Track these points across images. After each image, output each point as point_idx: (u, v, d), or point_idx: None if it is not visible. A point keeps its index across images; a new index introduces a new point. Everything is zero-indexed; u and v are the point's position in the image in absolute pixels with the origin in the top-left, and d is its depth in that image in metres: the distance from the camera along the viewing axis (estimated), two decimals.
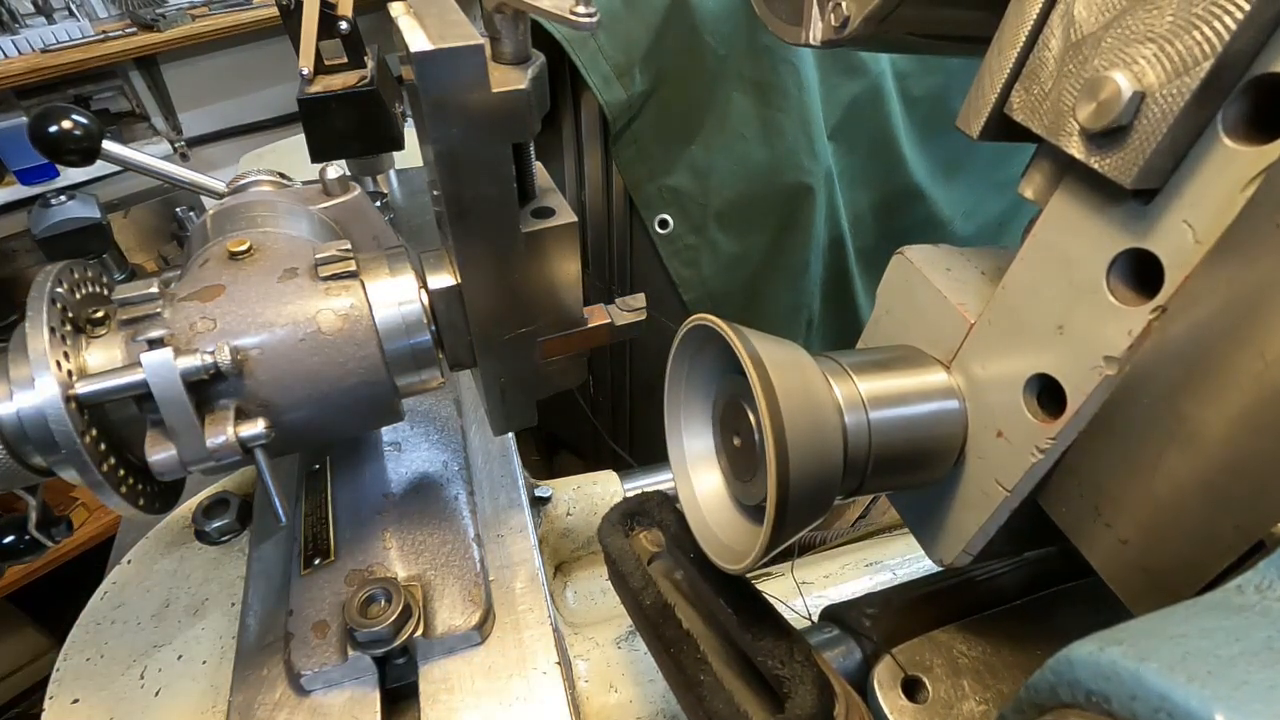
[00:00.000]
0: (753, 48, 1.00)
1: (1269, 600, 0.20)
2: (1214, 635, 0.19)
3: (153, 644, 0.58)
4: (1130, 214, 0.28)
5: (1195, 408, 0.28)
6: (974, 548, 0.38)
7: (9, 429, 0.39)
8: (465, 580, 0.55)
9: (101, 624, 0.60)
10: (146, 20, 2.03)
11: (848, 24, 0.37)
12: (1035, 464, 0.34)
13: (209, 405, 0.43)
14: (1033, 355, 0.33)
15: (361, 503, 0.61)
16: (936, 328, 0.39)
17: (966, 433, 0.37)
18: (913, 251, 0.41)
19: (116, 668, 0.56)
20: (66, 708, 0.54)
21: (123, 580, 0.64)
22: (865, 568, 0.76)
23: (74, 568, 1.77)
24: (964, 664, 0.43)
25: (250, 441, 0.42)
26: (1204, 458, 0.28)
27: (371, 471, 0.63)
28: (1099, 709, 0.18)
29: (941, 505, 0.39)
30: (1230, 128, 0.25)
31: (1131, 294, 0.29)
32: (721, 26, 0.99)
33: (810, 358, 0.37)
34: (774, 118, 1.05)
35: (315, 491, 0.62)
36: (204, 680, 0.55)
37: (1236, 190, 0.25)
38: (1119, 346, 0.30)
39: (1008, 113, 0.31)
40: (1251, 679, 0.17)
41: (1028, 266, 0.33)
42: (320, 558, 0.56)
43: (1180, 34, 0.24)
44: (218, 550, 0.65)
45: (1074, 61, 0.28)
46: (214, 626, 0.59)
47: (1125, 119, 0.26)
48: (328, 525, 0.59)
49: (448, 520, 0.59)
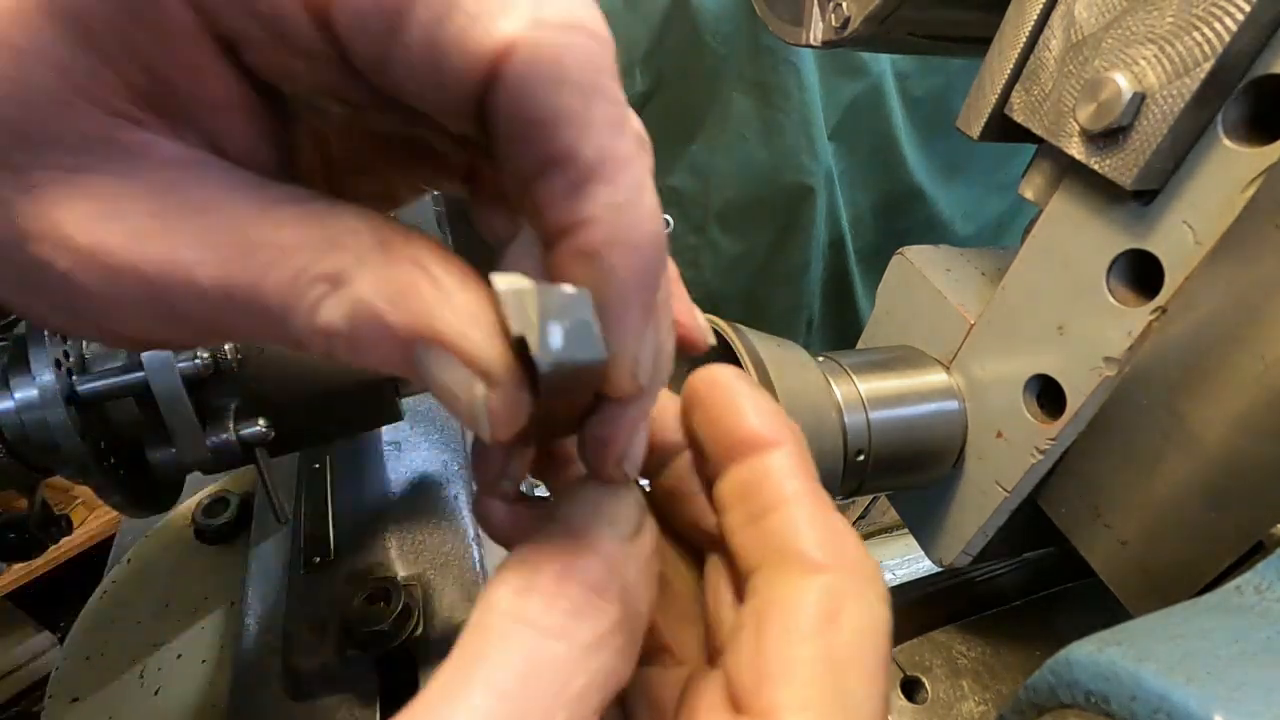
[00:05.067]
0: (753, 48, 1.00)
1: (1268, 601, 0.20)
2: (1213, 636, 0.19)
3: (153, 643, 0.58)
4: (1130, 215, 0.28)
5: (1195, 409, 0.28)
6: (973, 548, 0.38)
7: (9, 427, 0.39)
8: (465, 580, 0.55)
9: (101, 624, 0.60)
10: None
11: (848, 24, 0.37)
12: (1035, 464, 0.34)
13: (209, 404, 0.43)
14: (1033, 356, 0.33)
15: (361, 502, 0.61)
16: (936, 328, 0.39)
17: (966, 433, 0.37)
18: (913, 252, 0.41)
19: (116, 667, 0.56)
20: (66, 707, 0.54)
21: (123, 580, 0.64)
22: None
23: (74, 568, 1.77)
24: (963, 664, 0.43)
25: (250, 441, 0.42)
26: (1203, 459, 0.28)
27: (371, 471, 0.63)
28: (1098, 709, 0.18)
29: (941, 505, 0.39)
30: (1230, 129, 0.25)
31: (1131, 294, 0.29)
32: (722, 27, 0.99)
33: (810, 358, 0.37)
34: (775, 118, 1.04)
35: (315, 491, 0.62)
36: (204, 680, 0.55)
37: (1237, 191, 0.25)
38: (1119, 347, 0.30)
39: (1008, 113, 0.31)
40: (1250, 679, 0.17)
41: (1028, 267, 0.33)
42: (320, 557, 0.56)
43: (1180, 35, 0.24)
44: (218, 550, 0.65)
45: (1074, 62, 0.28)
46: (214, 626, 0.59)
47: (1125, 120, 0.26)
48: (328, 525, 0.59)
49: (448, 520, 0.59)
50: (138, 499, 0.44)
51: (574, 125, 0.15)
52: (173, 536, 0.67)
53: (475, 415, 0.15)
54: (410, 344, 0.15)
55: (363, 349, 0.16)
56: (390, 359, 0.16)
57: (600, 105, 0.15)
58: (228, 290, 0.15)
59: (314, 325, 0.16)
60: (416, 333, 0.15)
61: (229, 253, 0.15)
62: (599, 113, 0.15)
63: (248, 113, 0.17)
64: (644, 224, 0.16)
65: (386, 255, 0.16)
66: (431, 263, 0.16)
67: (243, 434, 0.42)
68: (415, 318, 0.15)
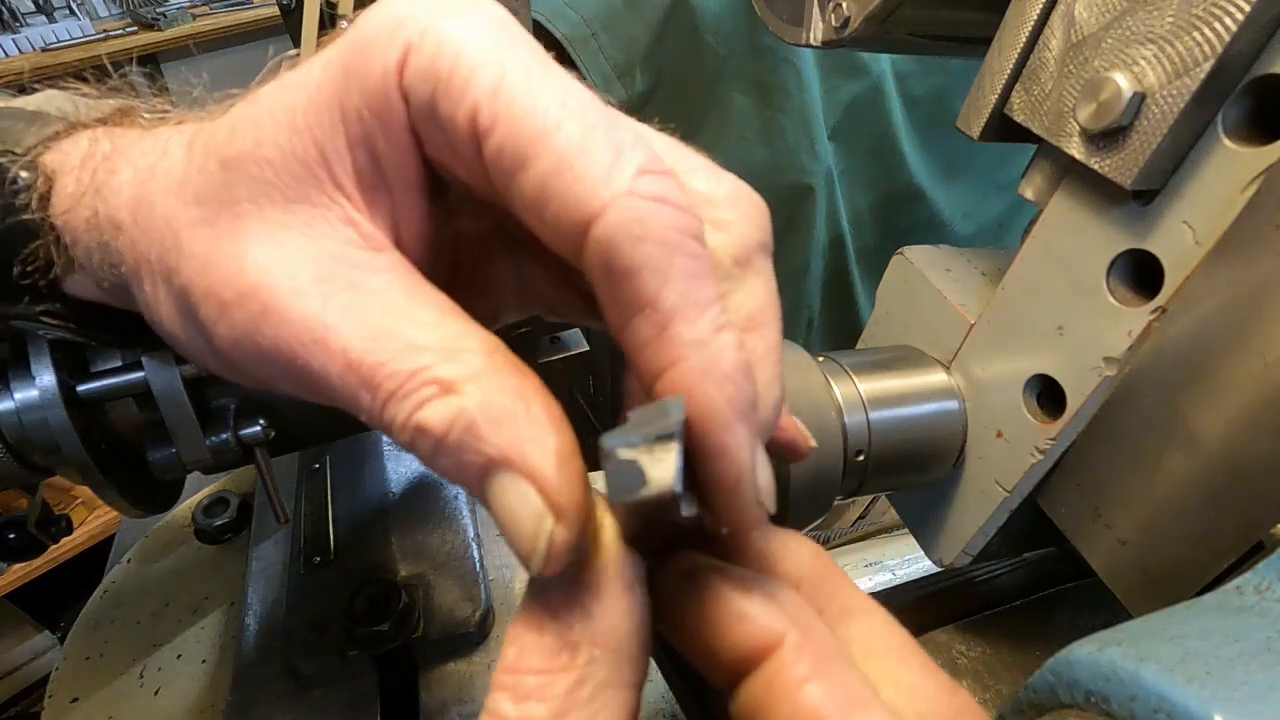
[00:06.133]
0: (753, 48, 1.00)
1: (1268, 601, 0.20)
2: (1213, 636, 0.19)
3: (152, 643, 0.58)
4: (1130, 215, 0.28)
5: (1195, 408, 0.28)
6: (973, 548, 0.38)
7: (9, 428, 0.39)
8: (465, 580, 0.55)
9: (101, 624, 0.60)
10: (147, 19, 2.03)
11: (848, 24, 0.37)
12: (1035, 464, 0.34)
13: (209, 404, 0.43)
14: (1033, 356, 0.33)
15: (361, 502, 0.61)
16: (936, 328, 0.39)
17: (966, 433, 0.37)
18: (913, 252, 0.41)
19: (116, 667, 0.56)
20: (66, 707, 0.54)
21: (123, 580, 0.64)
22: (865, 568, 0.76)
23: (74, 568, 1.77)
24: (963, 664, 0.43)
25: (250, 441, 0.42)
26: (1203, 458, 0.28)
27: (371, 471, 0.63)
28: (1098, 709, 0.18)
29: (941, 505, 0.39)
30: (1230, 129, 0.25)
31: (1131, 295, 0.29)
32: (722, 26, 0.99)
33: (810, 358, 0.37)
34: (775, 118, 1.04)
35: (315, 491, 0.62)
36: (204, 680, 0.55)
37: (1236, 191, 0.25)
38: (1119, 347, 0.30)
39: (1008, 113, 0.31)
40: (1250, 680, 0.17)
41: (1028, 267, 0.33)
42: (320, 557, 0.56)
43: (1180, 35, 0.24)
44: (217, 549, 0.65)
45: (1074, 62, 0.28)
46: (214, 626, 0.59)
47: (1125, 120, 0.26)
48: (328, 525, 0.59)
49: (447, 520, 0.59)
50: (138, 499, 0.44)
51: (656, 274, 0.16)
52: (173, 536, 0.67)
53: (535, 545, 0.16)
54: (494, 463, 0.17)
55: (447, 453, 0.17)
56: (466, 471, 0.17)
57: (680, 259, 0.17)
58: (352, 361, 0.18)
59: (412, 419, 0.17)
60: (504, 454, 0.16)
61: (368, 331, 0.18)
62: (679, 264, 0.17)
63: (423, 196, 0.21)
64: (729, 357, 0.17)
65: (497, 380, 0.17)
66: (534, 398, 0.17)
67: (243, 434, 0.42)
68: (506, 441, 0.16)
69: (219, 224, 0.19)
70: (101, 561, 0.69)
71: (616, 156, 0.17)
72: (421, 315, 0.18)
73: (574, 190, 0.16)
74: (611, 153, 0.17)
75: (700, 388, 0.17)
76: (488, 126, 0.17)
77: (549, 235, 0.18)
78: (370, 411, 0.18)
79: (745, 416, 0.17)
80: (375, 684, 0.50)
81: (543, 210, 0.17)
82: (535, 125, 0.17)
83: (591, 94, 0.18)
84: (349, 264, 0.19)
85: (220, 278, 0.19)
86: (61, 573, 1.77)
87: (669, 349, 0.17)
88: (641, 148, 0.17)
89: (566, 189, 0.16)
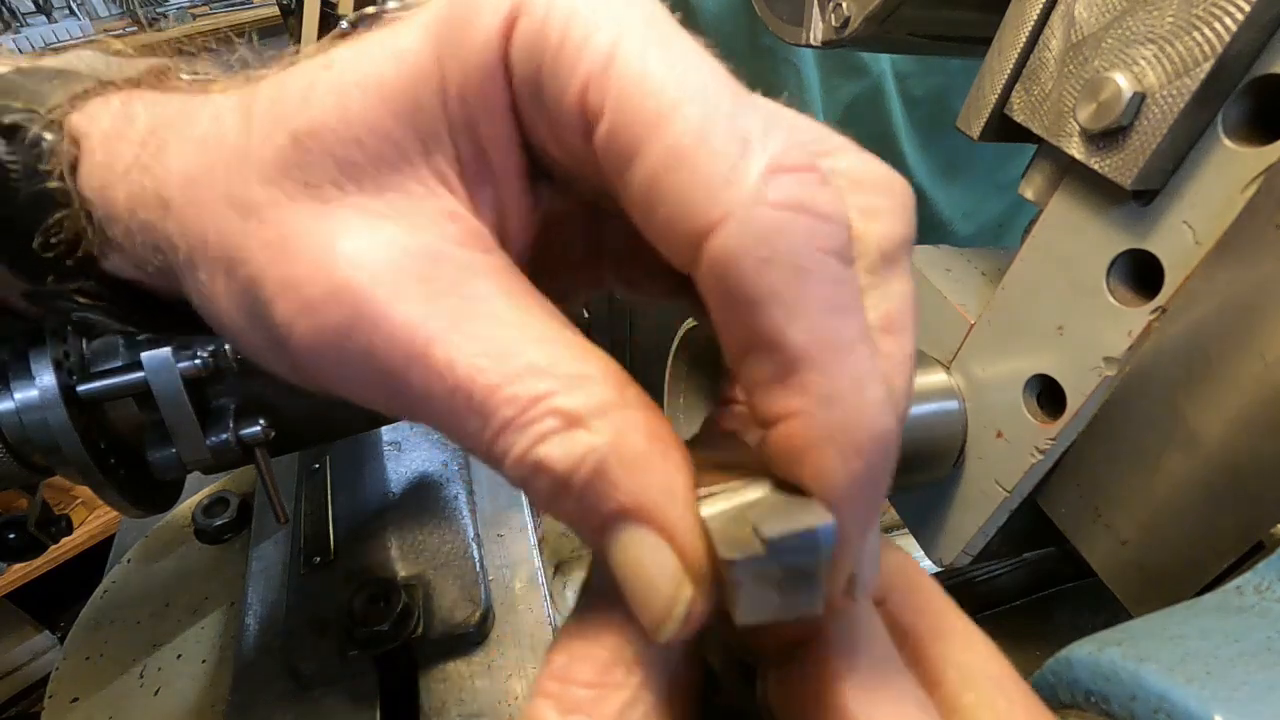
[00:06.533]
0: (753, 48, 1.00)
1: (1268, 601, 0.20)
2: (1213, 636, 0.19)
3: (152, 643, 0.58)
4: (1130, 215, 0.28)
5: (1195, 408, 0.28)
6: (973, 548, 0.38)
7: (9, 428, 0.39)
8: (465, 580, 0.55)
9: (101, 624, 0.60)
10: (147, 19, 2.03)
11: (848, 24, 0.37)
12: (1035, 464, 0.34)
13: (209, 404, 0.43)
14: (1032, 355, 0.33)
15: (361, 502, 0.61)
16: (936, 328, 0.39)
17: (966, 433, 0.37)
18: (913, 252, 0.41)
19: (116, 667, 0.56)
20: (66, 707, 0.54)
21: (123, 580, 0.64)
22: None
23: (74, 568, 1.77)
24: None
25: (250, 441, 0.42)
26: (1203, 458, 0.28)
27: (371, 471, 0.63)
28: (1098, 709, 0.18)
29: (941, 505, 0.39)
30: (1230, 129, 0.25)
31: (1131, 294, 0.29)
32: (722, 27, 0.99)
33: None
34: None
35: (315, 491, 0.62)
36: (204, 680, 0.55)
37: (1236, 191, 0.25)
38: (1119, 347, 0.30)
39: (1008, 113, 0.31)
40: (1250, 680, 0.17)
41: (1028, 267, 0.33)
42: (320, 557, 0.56)
43: (1180, 35, 0.24)
44: (218, 549, 0.65)
45: (1074, 62, 0.28)
46: (214, 626, 0.59)
47: (1125, 120, 0.26)
48: (328, 525, 0.59)
49: (447, 520, 0.59)
50: (138, 499, 0.44)
51: (783, 308, 0.13)
52: (173, 536, 0.67)
53: (670, 612, 0.14)
54: (625, 513, 0.14)
55: (569, 496, 0.15)
56: (589, 517, 0.15)
57: (816, 287, 0.13)
58: (460, 381, 0.15)
59: (530, 454, 0.15)
60: (639, 505, 0.14)
61: (480, 346, 0.15)
62: (814, 295, 0.13)
63: (528, 187, 0.18)
64: (865, 422, 0.14)
65: (630, 417, 0.15)
66: (671, 442, 0.15)
67: (243, 434, 0.42)
68: (642, 490, 0.14)
69: (296, 207, 0.16)
70: (101, 561, 0.69)
71: (743, 149, 0.13)
72: (536, 330, 0.15)
73: (687, 194, 0.13)
74: (736, 144, 0.14)
75: (822, 456, 0.14)
76: (597, 108, 0.14)
77: (659, 241, 0.15)
78: (477, 439, 0.15)
79: (868, 501, 0.14)
80: (375, 684, 0.50)
81: (651, 214, 0.14)
82: (648, 109, 0.14)
83: (721, 67, 0.15)
84: (454, 264, 0.16)
85: (302, 271, 0.16)
86: (61, 573, 1.77)
87: (793, 398, 0.14)
88: (776, 135, 0.14)
89: (679, 191, 0.14)
